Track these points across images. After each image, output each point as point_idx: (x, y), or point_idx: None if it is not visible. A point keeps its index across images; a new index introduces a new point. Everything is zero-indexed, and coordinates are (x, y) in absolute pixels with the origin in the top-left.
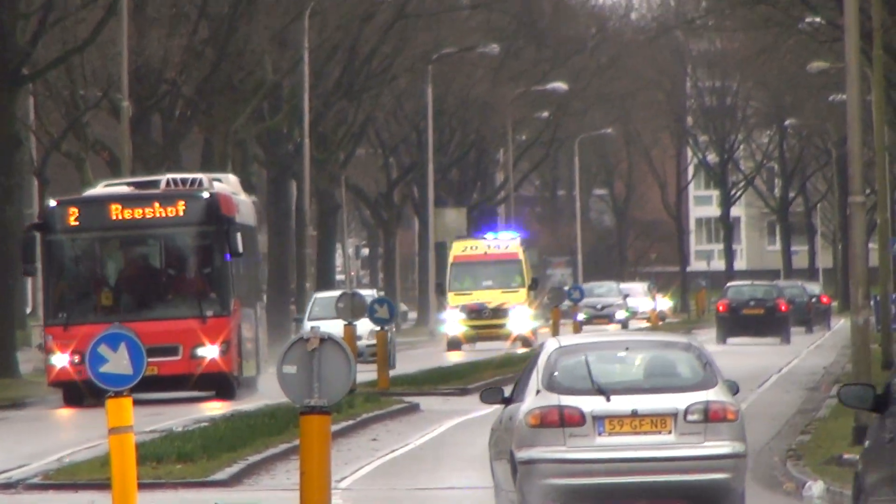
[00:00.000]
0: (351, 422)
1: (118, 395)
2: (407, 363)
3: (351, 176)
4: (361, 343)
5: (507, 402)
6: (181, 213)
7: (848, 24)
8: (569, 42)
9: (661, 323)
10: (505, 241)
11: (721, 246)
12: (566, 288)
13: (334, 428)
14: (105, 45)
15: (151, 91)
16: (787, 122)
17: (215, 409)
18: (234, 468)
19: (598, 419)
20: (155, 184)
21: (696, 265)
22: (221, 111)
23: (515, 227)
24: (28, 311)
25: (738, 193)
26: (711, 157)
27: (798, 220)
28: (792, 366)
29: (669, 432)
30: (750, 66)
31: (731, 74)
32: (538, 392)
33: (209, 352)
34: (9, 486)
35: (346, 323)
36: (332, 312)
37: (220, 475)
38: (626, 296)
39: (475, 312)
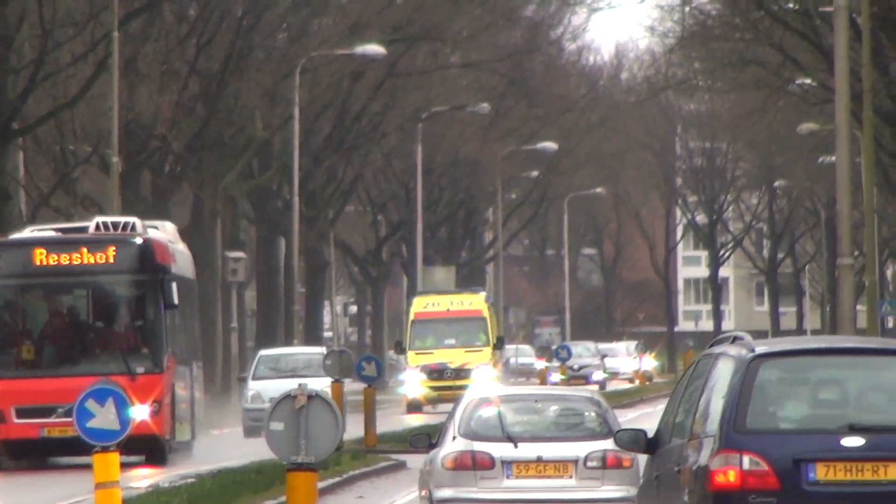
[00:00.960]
0: (337, 479)
1: (105, 450)
2: (395, 421)
3: (340, 233)
4: None
5: (431, 447)
6: (111, 260)
7: (838, 86)
8: (559, 102)
9: (647, 383)
10: (469, 298)
11: (709, 306)
12: (553, 347)
13: (321, 485)
14: (95, 100)
15: (141, 147)
16: (776, 184)
17: (143, 475)
18: None
19: (507, 464)
20: (84, 229)
21: (685, 325)
22: (211, 167)
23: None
24: None
25: (727, 254)
26: (700, 218)
27: (786, 282)
28: None
29: (571, 477)
30: (740, 128)
31: (721, 135)
32: (454, 438)
33: (139, 412)
34: None
35: (333, 380)
36: (279, 370)
37: None
38: (604, 356)
39: (436, 373)
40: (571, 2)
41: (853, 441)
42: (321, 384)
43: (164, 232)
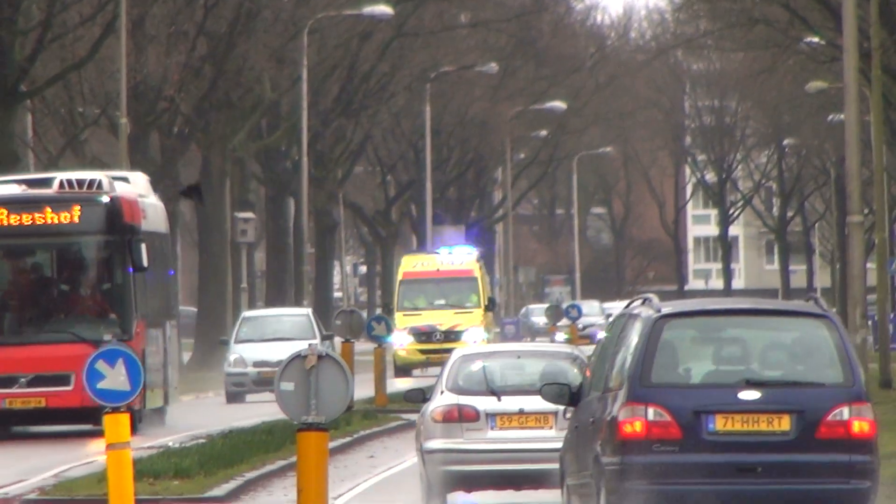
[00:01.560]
0: (348, 439)
1: (116, 410)
2: (404, 380)
3: (349, 194)
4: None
5: (425, 402)
6: (76, 220)
7: (847, 44)
8: (567, 61)
9: None
10: (460, 257)
11: (719, 265)
12: (564, 306)
13: (331, 445)
14: (103, 62)
15: (150, 108)
16: (785, 142)
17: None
18: (232, 484)
19: (491, 416)
20: (49, 181)
21: (694, 284)
22: (219, 129)
23: (470, 241)
24: None
25: (737, 213)
26: (710, 177)
27: (796, 240)
28: None
29: (551, 428)
30: (749, 86)
31: (730, 94)
32: (442, 393)
33: None
34: (6, 502)
35: (344, 340)
36: (262, 333)
37: (217, 491)
38: (608, 315)
39: (425, 335)
40: None
41: (749, 395)
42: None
43: (134, 185)
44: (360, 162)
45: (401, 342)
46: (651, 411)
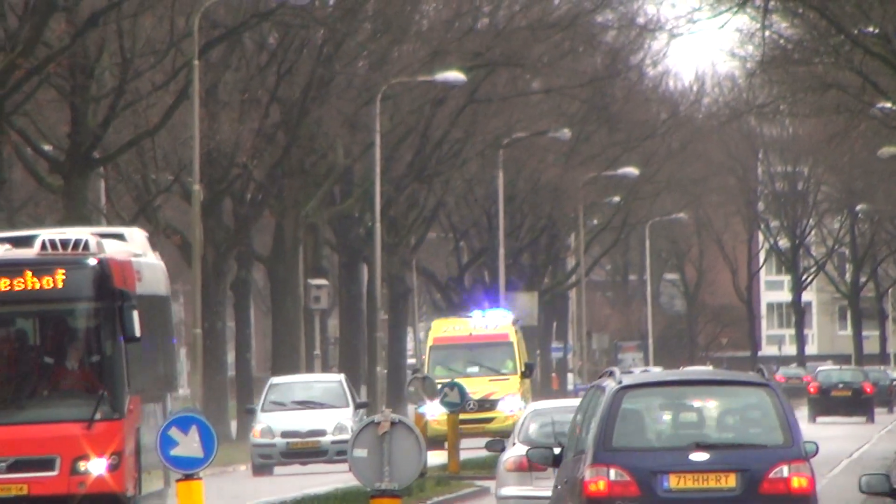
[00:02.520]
0: None
1: (188, 478)
2: (478, 447)
3: (422, 260)
4: (326, 439)
5: (504, 451)
6: (59, 286)
7: None
8: (640, 127)
9: None
10: (494, 320)
11: (792, 331)
12: (638, 371)
13: None
14: (176, 128)
15: (222, 175)
16: (858, 208)
17: None
18: None
19: None
20: (30, 242)
21: (768, 350)
22: (293, 195)
23: (506, 305)
24: None
25: (810, 278)
26: (783, 242)
27: (869, 306)
28: (862, 451)
29: None
30: (821, 152)
31: (803, 160)
32: (514, 444)
33: (95, 466)
34: None
35: (416, 407)
36: (291, 401)
37: None
38: None
39: (458, 406)
40: (651, 27)
41: (699, 456)
42: (336, 417)
43: (130, 242)
44: (433, 228)
45: (433, 413)
46: (613, 472)
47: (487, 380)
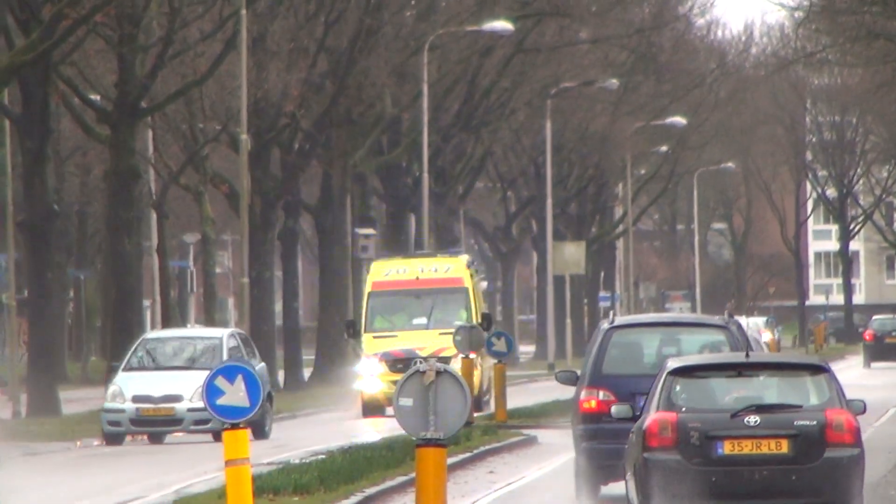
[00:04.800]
0: (468, 454)
1: (234, 427)
2: (525, 397)
3: (469, 209)
4: (181, 406)
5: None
6: None
7: None
8: (688, 77)
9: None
10: (445, 262)
11: (840, 280)
12: None
13: (451, 460)
14: (224, 78)
15: (270, 124)
16: None
17: None
18: (352, 500)
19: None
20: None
21: (815, 299)
22: (340, 145)
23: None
24: None
25: (857, 228)
26: (830, 192)
27: None
28: None
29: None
30: (869, 101)
31: (851, 109)
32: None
33: None
34: None
35: (463, 356)
36: (160, 360)
37: None
38: None
39: (401, 363)
40: None
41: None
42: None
43: None
44: (481, 178)
45: (370, 372)
46: (601, 393)
47: (437, 333)
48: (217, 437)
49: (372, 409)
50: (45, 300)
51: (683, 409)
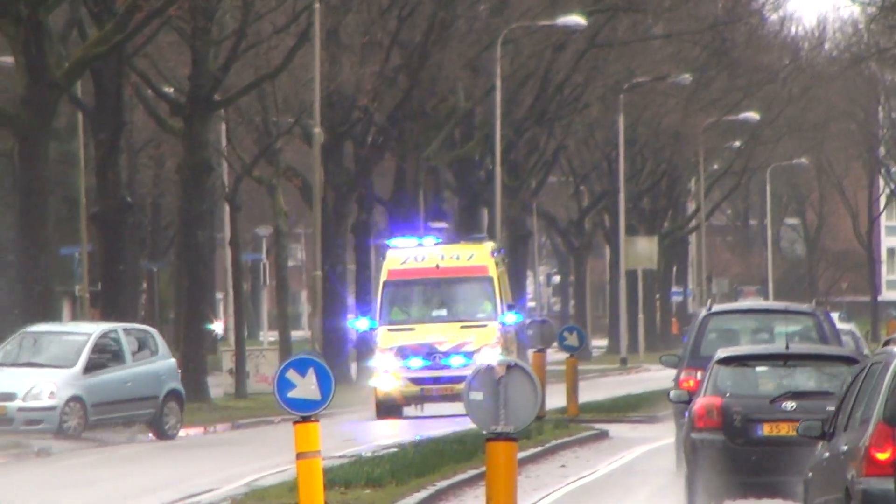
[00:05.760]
0: (539, 448)
1: (306, 420)
2: (596, 391)
3: (542, 203)
4: (12, 405)
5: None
6: None
7: None
8: (761, 72)
9: None
10: (468, 250)
11: None
12: None
13: (523, 454)
14: (297, 71)
15: (343, 118)
16: None
17: None
18: (423, 494)
19: None
20: None
21: (888, 294)
22: (413, 138)
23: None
24: (219, 335)
25: None
26: None
27: None
28: None
29: None
30: None
31: None
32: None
33: None
34: None
35: (535, 350)
36: (20, 356)
37: (408, 500)
38: None
39: (420, 359)
40: None
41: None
42: (44, 378)
43: None
44: (554, 172)
45: (385, 368)
46: (698, 374)
47: (458, 326)
48: (58, 436)
49: (387, 409)
50: (117, 292)
51: (728, 394)
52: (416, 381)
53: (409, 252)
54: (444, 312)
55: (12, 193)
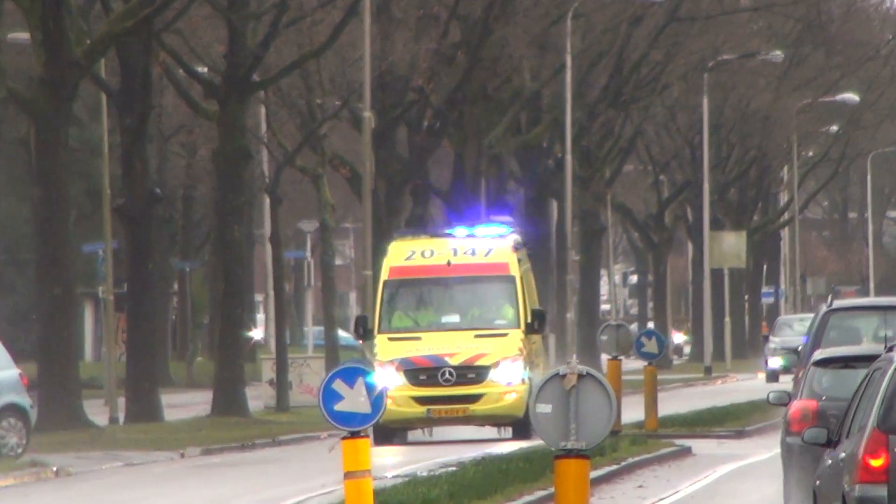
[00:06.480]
0: (614, 466)
1: (354, 435)
2: (678, 403)
3: (618, 195)
4: None
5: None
6: None
7: None
8: (860, 49)
9: None
10: (485, 242)
11: None
12: None
13: (596, 473)
14: (345, 49)
15: (396, 101)
16: None
17: None
18: None
19: None
20: None
21: None
22: (474, 123)
23: (506, 212)
24: (260, 340)
25: None
26: None
27: None
28: None
29: None
30: None
31: None
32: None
33: None
34: None
35: (610, 358)
36: None
37: None
38: None
39: (426, 374)
40: None
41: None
42: None
43: None
44: (630, 160)
45: (384, 385)
46: None
47: (473, 336)
48: None
49: (387, 434)
50: (145, 294)
51: (824, 397)
52: (421, 400)
53: (415, 245)
54: (455, 319)
55: (29, 184)
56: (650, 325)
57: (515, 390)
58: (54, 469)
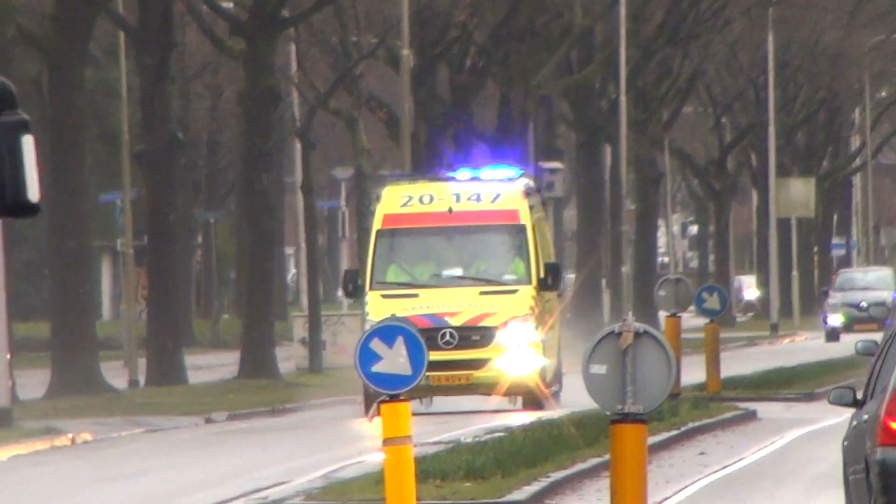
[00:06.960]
0: (674, 432)
1: (394, 399)
2: (742, 363)
3: (676, 139)
4: None
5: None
6: None
7: None
8: None
9: None
10: (492, 186)
11: None
12: None
13: (654, 439)
14: None
15: (437, 37)
16: None
17: None
18: (535, 487)
19: None
20: None
21: None
22: (521, 62)
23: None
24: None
25: None
26: None
27: None
28: None
29: None
30: None
31: None
32: None
33: None
34: None
35: (668, 315)
36: None
37: (517, 495)
38: None
39: (425, 336)
40: None
41: None
42: None
43: None
44: (690, 102)
45: None
46: None
47: (478, 292)
48: None
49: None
50: (167, 247)
51: None
52: None
53: (413, 190)
54: (458, 273)
55: (42, 129)
56: (712, 280)
57: (526, 355)
58: (70, 436)
